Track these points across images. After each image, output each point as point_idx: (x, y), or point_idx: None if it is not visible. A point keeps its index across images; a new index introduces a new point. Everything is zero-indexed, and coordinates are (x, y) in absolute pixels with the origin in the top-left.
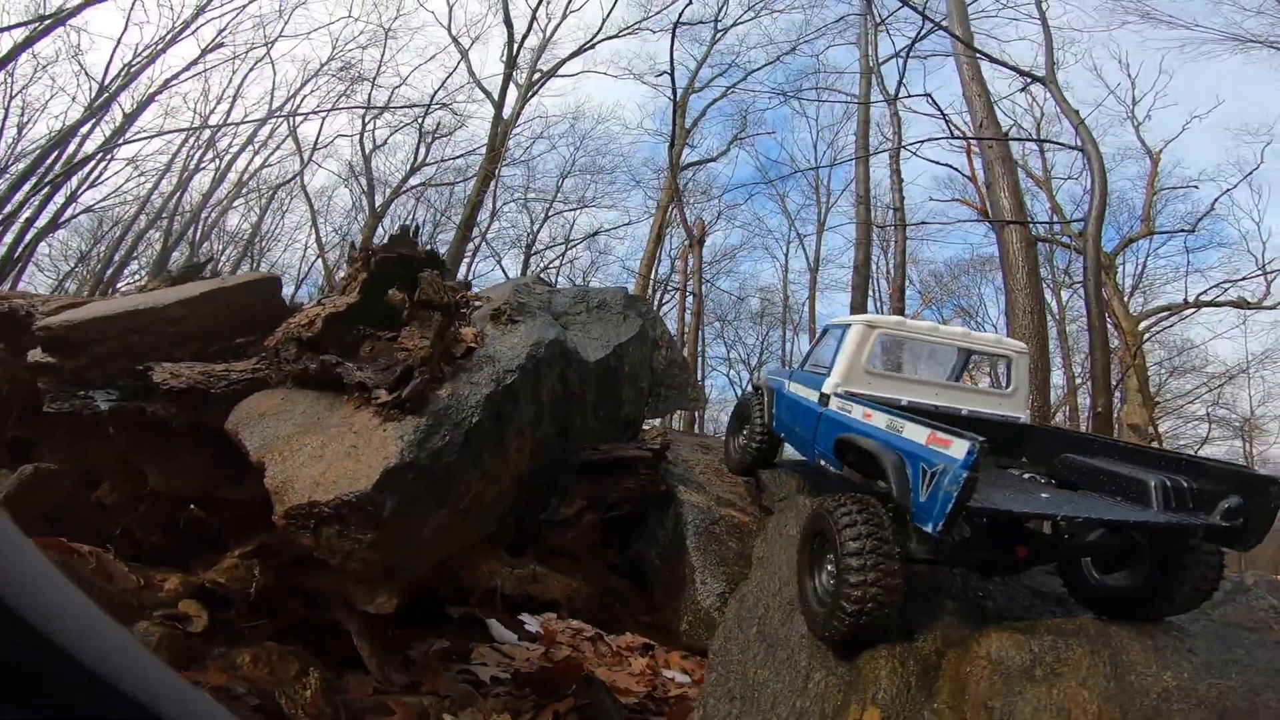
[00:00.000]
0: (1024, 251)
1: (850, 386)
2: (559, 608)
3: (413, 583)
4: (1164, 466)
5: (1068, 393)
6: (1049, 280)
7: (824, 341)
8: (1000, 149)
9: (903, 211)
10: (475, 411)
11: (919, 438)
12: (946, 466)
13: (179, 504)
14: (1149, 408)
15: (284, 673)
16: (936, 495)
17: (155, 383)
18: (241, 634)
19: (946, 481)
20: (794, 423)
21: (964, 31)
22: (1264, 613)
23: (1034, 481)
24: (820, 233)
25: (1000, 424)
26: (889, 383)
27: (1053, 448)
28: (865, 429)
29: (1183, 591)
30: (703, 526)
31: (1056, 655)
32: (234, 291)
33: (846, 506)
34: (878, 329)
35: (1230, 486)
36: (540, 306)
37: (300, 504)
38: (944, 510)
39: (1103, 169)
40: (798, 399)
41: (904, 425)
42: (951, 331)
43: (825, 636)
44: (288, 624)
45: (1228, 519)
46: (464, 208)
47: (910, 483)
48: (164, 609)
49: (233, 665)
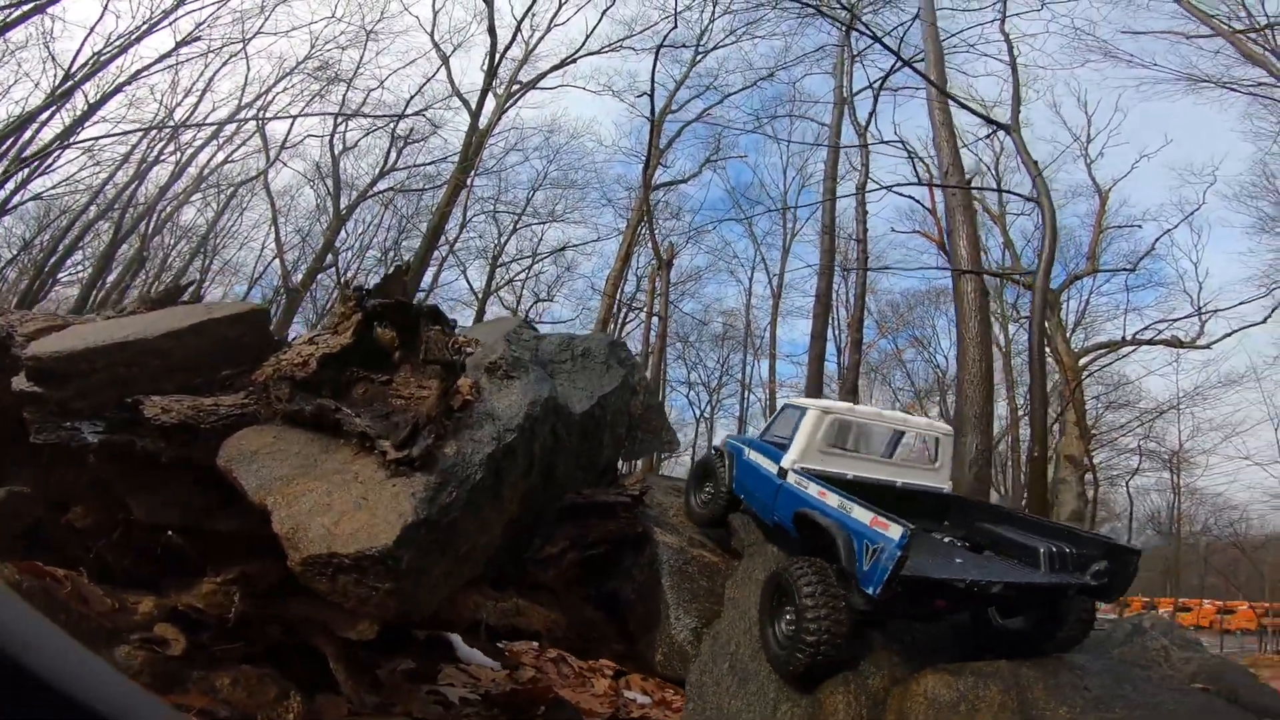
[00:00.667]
0: (977, 302)
1: (806, 463)
2: (540, 638)
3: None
4: (1051, 535)
5: (1010, 424)
6: (996, 313)
7: (782, 417)
8: (962, 197)
9: (865, 244)
10: (478, 469)
11: (864, 519)
12: (885, 545)
13: (157, 530)
14: (1085, 440)
15: (263, 696)
16: (876, 566)
17: (146, 417)
18: (217, 658)
19: (884, 557)
20: (753, 488)
21: (938, 75)
22: (1156, 652)
23: (952, 545)
24: (784, 258)
25: (928, 494)
26: (838, 459)
27: (969, 516)
28: (819, 505)
29: (1062, 634)
30: (677, 566)
31: (977, 693)
32: (223, 324)
33: (804, 568)
34: (830, 415)
35: (1099, 553)
36: (530, 357)
37: (319, 554)
38: (882, 578)
39: (1054, 223)
40: (757, 466)
41: (852, 507)
42: (892, 416)
43: (786, 673)
44: (260, 648)
45: (1096, 579)
46: (432, 215)
47: (856, 555)
48: (140, 632)
49: (213, 688)
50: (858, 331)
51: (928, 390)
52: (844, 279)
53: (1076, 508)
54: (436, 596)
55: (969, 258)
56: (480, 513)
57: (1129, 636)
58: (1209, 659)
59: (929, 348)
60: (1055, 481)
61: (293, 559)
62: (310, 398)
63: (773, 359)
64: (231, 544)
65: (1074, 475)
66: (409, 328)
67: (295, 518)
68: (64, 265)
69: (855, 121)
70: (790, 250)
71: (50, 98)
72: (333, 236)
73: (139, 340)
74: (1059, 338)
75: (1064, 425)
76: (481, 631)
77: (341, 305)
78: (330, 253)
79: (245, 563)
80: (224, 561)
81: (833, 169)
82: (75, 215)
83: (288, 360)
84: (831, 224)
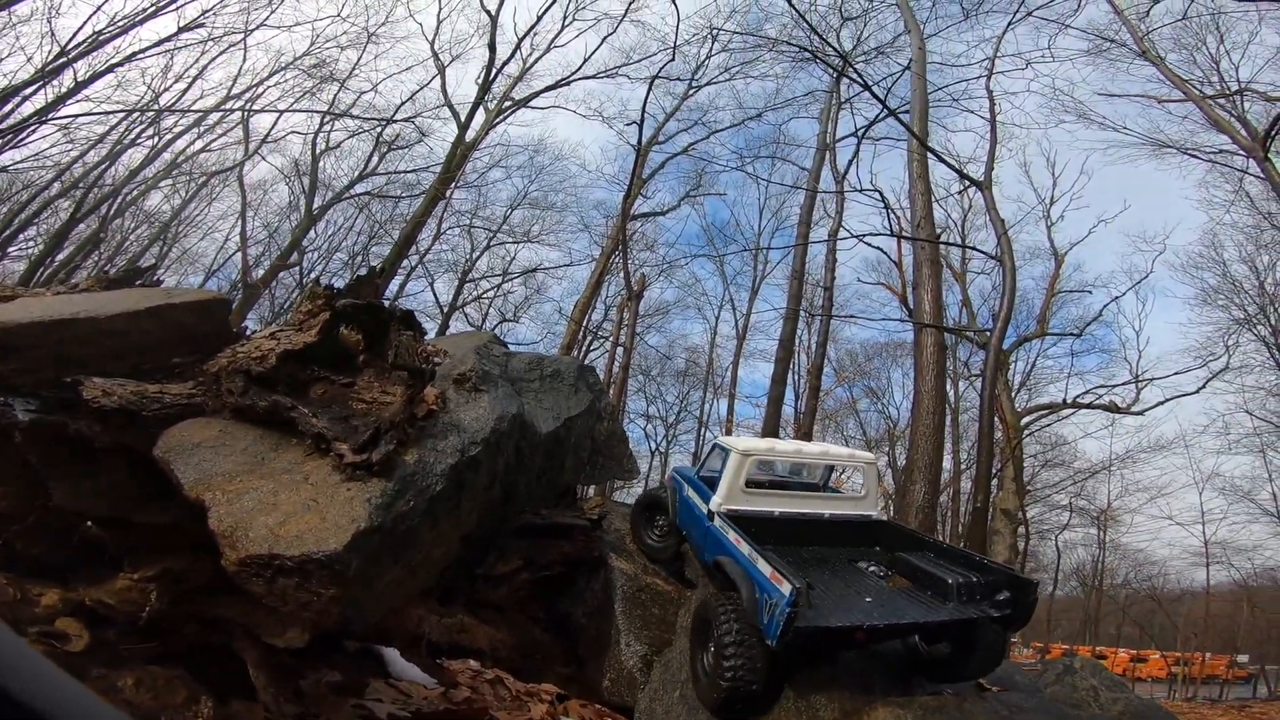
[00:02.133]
0: (935, 356)
1: (731, 505)
2: (483, 656)
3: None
4: (963, 565)
5: (953, 476)
6: (949, 370)
7: (713, 455)
8: (930, 252)
9: (832, 292)
10: (440, 480)
11: (765, 571)
12: (778, 600)
13: (78, 520)
14: (1020, 495)
15: (170, 698)
16: (773, 619)
17: (85, 399)
18: (122, 656)
19: (777, 612)
20: (690, 524)
21: (921, 128)
22: (1084, 692)
23: (868, 579)
24: (752, 300)
25: (857, 521)
26: (764, 498)
27: (896, 541)
28: (734, 552)
29: (976, 660)
30: (630, 593)
31: None
32: (182, 310)
33: (724, 604)
34: (751, 456)
35: (1005, 584)
36: (500, 372)
37: (259, 554)
38: (777, 631)
39: (1014, 283)
40: (693, 505)
41: (758, 559)
42: (812, 449)
43: (708, 703)
44: (172, 649)
45: (999, 610)
46: (406, 224)
47: (758, 605)
48: (40, 625)
49: (114, 688)
50: (816, 378)
51: (878, 440)
52: (808, 325)
53: (1007, 558)
54: (382, 607)
55: (931, 312)
56: (438, 524)
57: (1060, 677)
58: (1135, 700)
59: (883, 399)
60: (990, 533)
61: (229, 558)
62: (265, 393)
63: (732, 399)
64: (156, 539)
65: (1008, 528)
66: (378, 332)
67: (235, 515)
68: (15, 240)
69: (834, 168)
70: (759, 292)
71: (39, 73)
72: (301, 235)
73: (90, 319)
74: (1004, 397)
75: (1002, 480)
76: (423, 647)
77: (309, 303)
78: (296, 251)
79: (170, 560)
80: (146, 557)
81: (808, 214)
82: (37, 191)
83: (245, 353)
84: (801, 269)
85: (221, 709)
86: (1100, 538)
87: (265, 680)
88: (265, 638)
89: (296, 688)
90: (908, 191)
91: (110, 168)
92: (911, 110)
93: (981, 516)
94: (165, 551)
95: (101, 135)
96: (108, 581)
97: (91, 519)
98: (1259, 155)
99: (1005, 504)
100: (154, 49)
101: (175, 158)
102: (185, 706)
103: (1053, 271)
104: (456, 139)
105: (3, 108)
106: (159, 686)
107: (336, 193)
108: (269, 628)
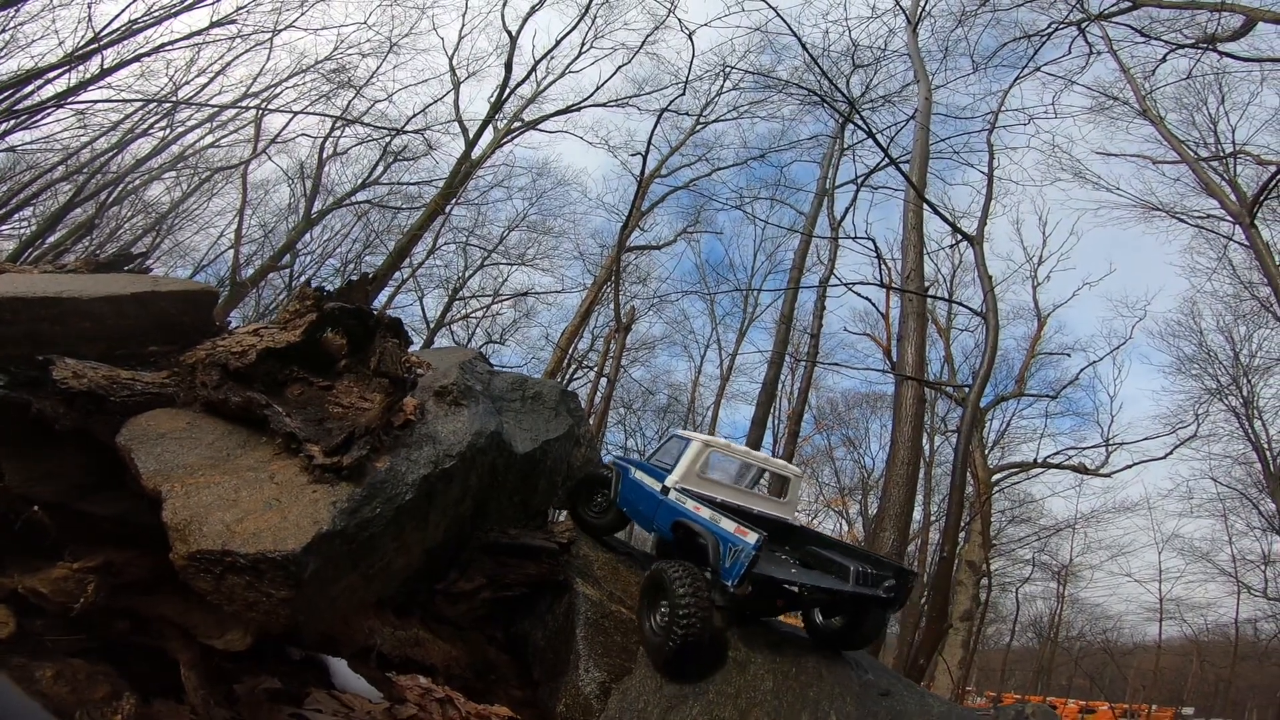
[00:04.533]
0: (914, 409)
1: (685, 485)
2: (435, 673)
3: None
4: (860, 558)
5: (923, 527)
6: (926, 423)
7: (668, 445)
8: (918, 305)
9: (818, 339)
10: (410, 490)
11: (730, 527)
12: (743, 547)
13: (24, 504)
14: (986, 548)
15: (89, 693)
16: (735, 564)
17: (54, 379)
18: (46, 647)
19: (742, 556)
20: (636, 501)
21: (919, 179)
22: None
23: (789, 561)
24: (739, 341)
25: (776, 521)
26: (710, 485)
27: (804, 541)
28: (695, 517)
29: (862, 633)
30: (593, 619)
31: None
32: (167, 299)
33: (676, 569)
34: (711, 448)
35: (891, 573)
36: (482, 389)
37: (210, 550)
38: (739, 573)
39: (996, 341)
40: (641, 484)
41: (720, 518)
42: (757, 456)
43: (660, 657)
44: (99, 643)
45: (886, 593)
46: (403, 235)
47: (720, 554)
48: None
49: (31, 678)
50: (796, 423)
51: (852, 488)
52: (792, 371)
53: (969, 608)
54: (334, 613)
55: (914, 364)
56: (403, 534)
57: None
58: None
59: (859, 448)
60: (954, 583)
61: (178, 552)
62: (240, 389)
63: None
64: (101, 531)
65: (971, 579)
66: (363, 337)
67: (192, 509)
68: (10, 218)
69: (831, 214)
70: (746, 335)
71: (68, 57)
72: (296, 237)
73: (72, 299)
74: (978, 453)
75: (969, 533)
76: (372, 658)
77: (296, 303)
78: (290, 253)
79: (112, 552)
80: (88, 548)
81: (801, 258)
82: (40, 173)
83: (225, 347)
84: (790, 314)
85: (144, 708)
86: (1060, 591)
87: (196, 682)
88: (202, 638)
89: (230, 692)
90: (900, 242)
91: (117, 155)
92: (912, 160)
93: (948, 567)
94: (109, 544)
95: (115, 123)
96: (44, 570)
97: (38, 503)
98: (1245, 221)
99: (971, 555)
100: (183, 41)
101: (183, 151)
102: (104, 702)
103: (1034, 332)
104: (463, 155)
105: (24, 89)
106: (79, 680)
107: (338, 198)
108: (207, 628)
